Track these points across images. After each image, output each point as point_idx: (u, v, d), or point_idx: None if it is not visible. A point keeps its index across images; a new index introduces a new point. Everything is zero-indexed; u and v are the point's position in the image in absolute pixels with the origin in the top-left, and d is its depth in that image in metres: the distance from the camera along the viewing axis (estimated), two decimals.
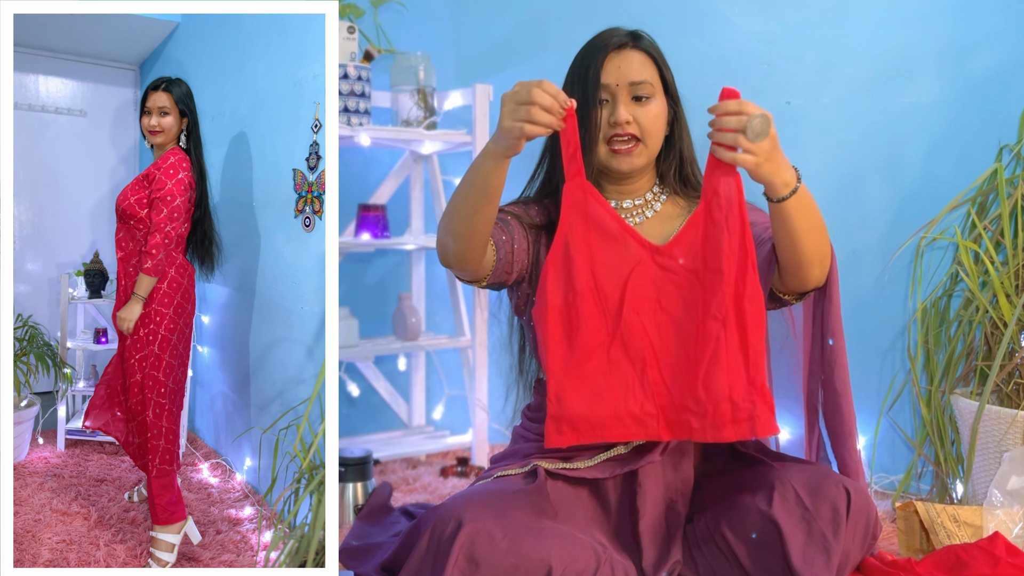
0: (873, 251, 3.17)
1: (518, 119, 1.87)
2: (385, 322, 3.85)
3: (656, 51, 2.21)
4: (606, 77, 2.14)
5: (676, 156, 2.26)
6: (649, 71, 2.17)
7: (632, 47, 2.17)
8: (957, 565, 2.07)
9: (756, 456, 2.22)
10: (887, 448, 3.16)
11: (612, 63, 2.15)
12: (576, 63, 2.22)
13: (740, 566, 2.03)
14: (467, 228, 2.03)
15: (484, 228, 2.04)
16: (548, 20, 3.73)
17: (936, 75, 3.06)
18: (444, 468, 3.45)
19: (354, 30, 3.36)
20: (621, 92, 2.14)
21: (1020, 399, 2.66)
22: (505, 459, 2.34)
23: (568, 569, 1.94)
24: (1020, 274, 2.71)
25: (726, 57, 3.36)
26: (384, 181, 3.81)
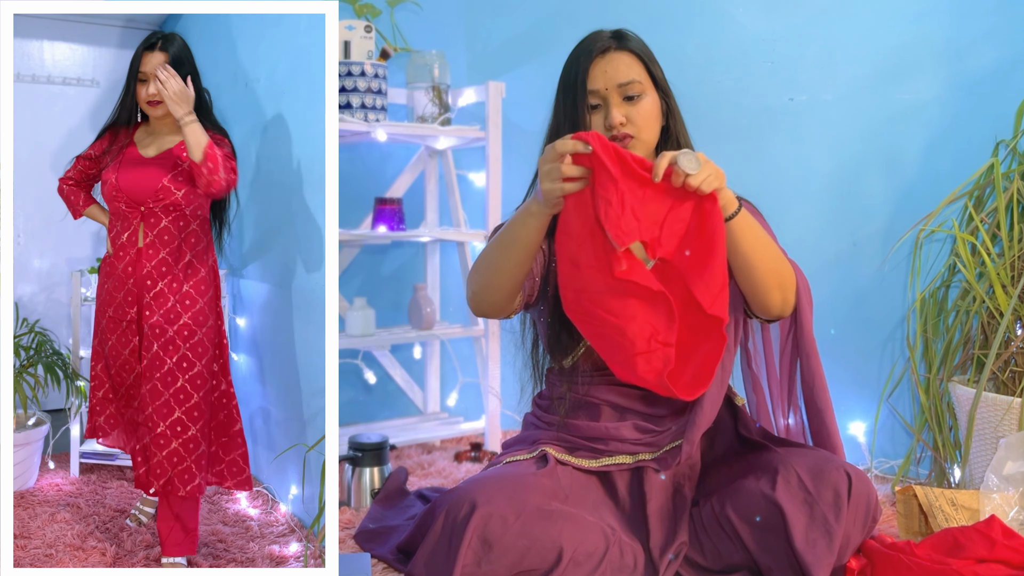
0: (873, 243, 3.17)
1: (554, 179, 1.88)
2: (401, 312, 3.84)
3: (641, 47, 2.21)
4: (594, 83, 2.15)
5: (673, 145, 2.26)
6: (636, 70, 2.17)
7: (616, 48, 2.17)
8: (955, 547, 2.05)
9: (760, 442, 2.22)
10: (887, 434, 3.17)
11: (598, 68, 2.15)
12: (564, 72, 2.22)
13: (744, 548, 2.05)
14: (508, 280, 2.07)
15: (523, 277, 2.08)
16: (559, 18, 3.72)
17: (935, 72, 3.06)
18: (458, 453, 3.46)
19: (371, 29, 3.36)
20: (611, 95, 2.15)
21: (1016, 386, 2.66)
22: (516, 444, 2.36)
23: (578, 551, 1.98)
24: (1016, 265, 2.70)
25: (730, 55, 3.36)
26: (400, 175, 3.80)
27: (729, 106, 3.35)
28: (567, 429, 2.29)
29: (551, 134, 2.25)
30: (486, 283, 2.10)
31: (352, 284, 3.83)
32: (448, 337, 3.70)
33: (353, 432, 3.46)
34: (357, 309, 3.50)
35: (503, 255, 2.05)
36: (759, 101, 3.33)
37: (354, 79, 3.29)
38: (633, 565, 2.06)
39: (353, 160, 3.81)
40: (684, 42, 3.40)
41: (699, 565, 2.12)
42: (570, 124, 2.16)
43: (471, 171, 3.86)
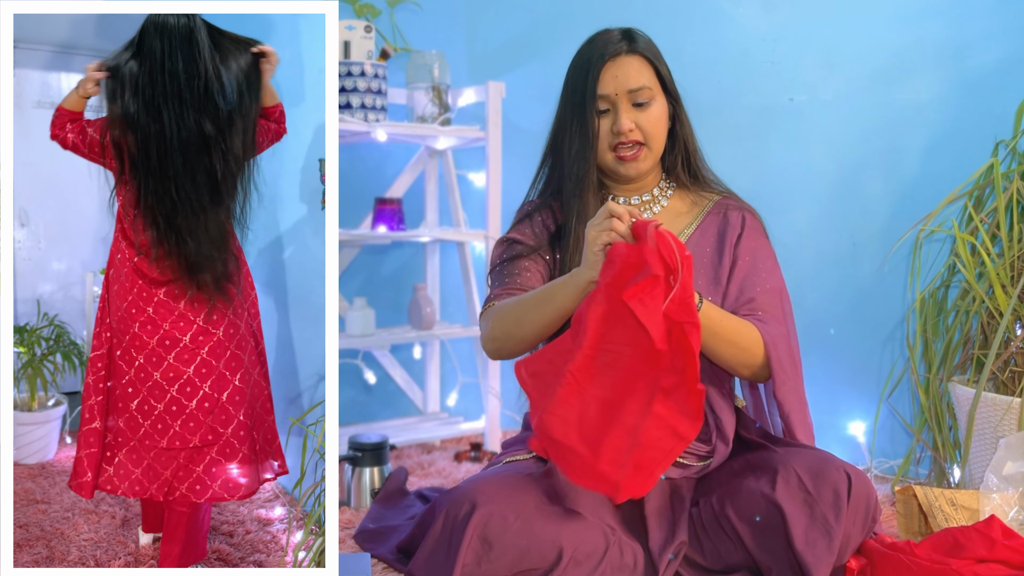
0: (873, 243, 3.17)
1: (601, 231, 1.91)
2: (401, 312, 3.86)
3: (651, 50, 2.19)
4: (604, 88, 2.14)
5: (681, 149, 2.26)
6: (647, 75, 2.15)
7: (627, 52, 2.15)
8: (955, 547, 2.04)
9: (759, 442, 2.22)
10: (887, 434, 3.17)
11: (609, 73, 2.14)
12: (572, 73, 2.20)
13: (744, 548, 2.04)
14: (536, 335, 2.09)
15: (550, 334, 2.09)
16: (558, 18, 3.73)
17: (934, 73, 3.06)
18: (458, 453, 3.47)
19: (371, 29, 3.37)
20: (621, 100, 2.14)
21: (1016, 386, 2.66)
22: (516, 444, 2.36)
23: (578, 551, 1.98)
24: (1015, 265, 2.69)
25: (731, 55, 3.37)
26: (400, 175, 3.81)
27: (729, 106, 3.36)
28: None
29: (556, 134, 2.26)
30: (511, 333, 2.10)
31: (352, 284, 3.83)
32: (448, 337, 3.71)
33: (353, 432, 3.47)
34: (357, 309, 3.51)
35: (536, 313, 2.06)
36: (759, 101, 3.34)
37: (354, 79, 3.31)
38: (633, 565, 2.06)
39: (353, 160, 3.81)
40: (685, 42, 3.41)
41: (699, 565, 2.11)
42: (578, 126, 2.16)
43: (471, 171, 3.88)
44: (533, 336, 2.09)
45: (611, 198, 2.28)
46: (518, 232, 2.29)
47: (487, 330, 2.16)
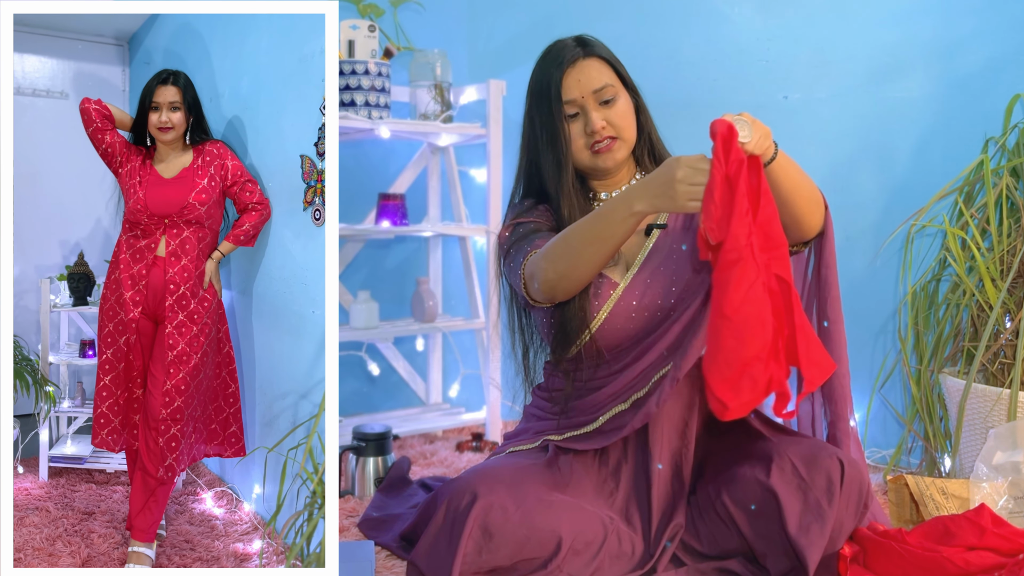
0: (866, 237, 3.20)
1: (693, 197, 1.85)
2: (404, 305, 3.88)
3: (606, 52, 2.25)
4: (569, 93, 2.19)
5: (646, 140, 2.31)
6: (607, 74, 2.21)
7: (584, 56, 2.21)
8: (945, 535, 2.04)
9: (757, 429, 2.22)
10: (879, 424, 3.19)
11: (571, 78, 2.19)
12: (534, 87, 2.25)
13: (740, 533, 2.06)
14: (591, 271, 2.04)
15: (600, 268, 2.06)
16: (559, 17, 3.74)
17: (925, 71, 3.10)
18: (460, 443, 3.49)
19: (375, 28, 3.39)
20: (588, 101, 2.19)
21: (1005, 378, 2.68)
22: (517, 435, 2.39)
23: (577, 540, 2.01)
24: (1005, 259, 2.72)
25: (726, 54, 3.39)
26: (403, 171, 3.83)
27: (724, 104, 3.34)
28: (568, 416, 2.31)
29: (526, 144, 2.30)
30: (566, 272, 2.04)
31: (356, 278, 3.85)
32: (450, 329, 3.72)
33: (357, 422, 3.48)
34: (361, 302, 3.52)
35: (592, 249, 2.00)
36: (754, 99, 3.35)
37: (358, 77, 3.33)
38: (631, 552, 2.10)
39: (357, 157, 3.83)
40: (680, 41, 3.43)
41: (695, 551, 2.13)
42: (548, 134, 2.21)
43: (472, 167, 3.90)
44: (591, 273, 2.05)
45: (591, 195, 2.31)
46: (522, 219, 2.29)
47: (537, 273, 2.10)
